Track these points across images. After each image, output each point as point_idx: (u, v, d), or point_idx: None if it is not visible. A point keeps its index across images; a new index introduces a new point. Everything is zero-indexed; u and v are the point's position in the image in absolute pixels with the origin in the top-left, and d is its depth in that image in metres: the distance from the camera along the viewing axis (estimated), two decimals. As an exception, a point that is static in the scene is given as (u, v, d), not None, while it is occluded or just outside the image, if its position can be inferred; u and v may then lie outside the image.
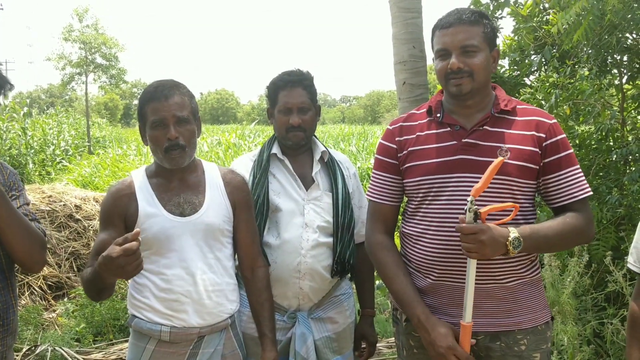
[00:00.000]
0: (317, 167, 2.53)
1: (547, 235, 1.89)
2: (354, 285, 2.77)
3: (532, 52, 4.36)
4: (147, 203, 2.12)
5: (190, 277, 2.10)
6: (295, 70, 2.54)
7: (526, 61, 4.40)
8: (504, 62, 4.63)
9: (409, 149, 2.09)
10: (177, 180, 2.18)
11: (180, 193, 2.16)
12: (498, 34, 4.51)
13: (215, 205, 2.19)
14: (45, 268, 5.86)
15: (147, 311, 2.11)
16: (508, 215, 1.90)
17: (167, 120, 2.06)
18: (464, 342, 1.92)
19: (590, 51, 3.88)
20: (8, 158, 15.79)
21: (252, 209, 2.32)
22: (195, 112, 2.18)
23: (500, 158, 1.83)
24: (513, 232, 1.83)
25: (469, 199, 1.81)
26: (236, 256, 2.32)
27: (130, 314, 2.18)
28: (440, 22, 2.02)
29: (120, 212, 2.12)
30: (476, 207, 1.81)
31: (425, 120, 2.12)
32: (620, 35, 3.62)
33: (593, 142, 3.99)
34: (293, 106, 2.46)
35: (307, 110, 2.49)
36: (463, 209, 1.85)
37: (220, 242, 2.19)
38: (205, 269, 2.13)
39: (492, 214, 1.87)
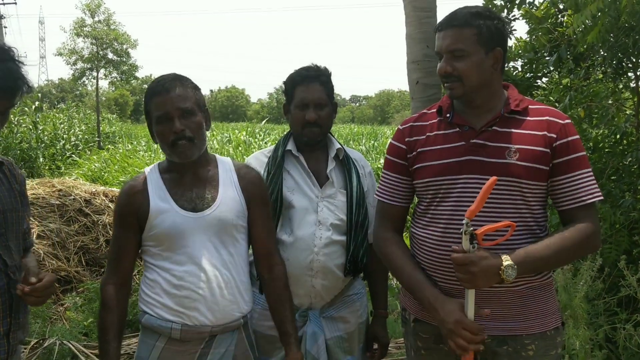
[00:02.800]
0: (332, 165, 2.52)
1: (544, 256, 1.85)
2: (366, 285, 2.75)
3: (545, 54, 4.34)
4: (159, 198, 2.10)
5: (202, 273, 2.06)
6: (312, 66, 2.53)
7: (540, 62, 4.38)
8: (517, 64, 4.61)
9: (419, 149, 2.08)
10: (189, 175, 2.14)
11: (193, 188, 2.13)
12: (512, 31, 4.51)
13: (229, 200, 2.15)
14: (54, 262, 5.90)
15: (157, 308, 2.08)
16: (516, 228, 1.88)
17: (171, 113, 2.03)
18: None
19: (605, 54, 3.85)
20: (19, 152, 15.88)
21: (268, 205, 2.29)
22: (201, 104, 2.13)
23: (493, 178, 1.80)
24: (506, 260, 1.79)
25: (464, 221, 1.79)
26: (251, 253, 2.30)
27: (140, 310, 2.15)
28: (437, 24, 2.02)
29: (133, 210, 2.10)
30: (472, 228, 1.78)
31: (435, 120, 2.10)
32: (637, 37, 3.58)
33: (607, 146, 3.96)
34: (309, 102, 2.44)
35: (323, 106, 2.47)
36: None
37: (234, 238, 2.15)
38: (219, 266, 2.09)
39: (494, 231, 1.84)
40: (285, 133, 2.64)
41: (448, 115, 2.05)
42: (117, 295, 2.11)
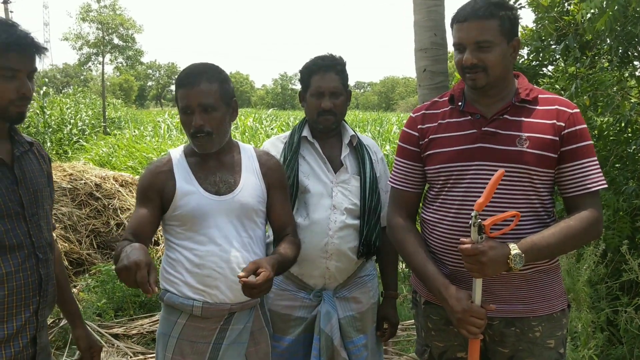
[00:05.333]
0: (345, 151, 2.58)
1: (549, 244, 1.89)
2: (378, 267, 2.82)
3: (552, 42, 4.36)
4: (185, 180, 2.18)
5: (223, 253, 2.13)
6: (328, 55, 2.58)
7: (546, 50, 4.41)
8: (523, 52, 4.63)
9: (430, 136, 2.12)
10: (213, 160, 2.23)
11: (217, 172, 2.21)
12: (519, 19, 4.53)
13: (250, 186, 2.23)
14: (66, 244, 6.00)
15: (179, 286, 2.16)
16: (522, 219, 1.93)
17: (192, 107, 2.11)
18: (473, 356, 1.96)
19: (611, 42, 3.88)
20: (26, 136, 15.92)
21: (287, 190, 2.37)
22: (226, 97, 2.18)
23: (500, 170, 1.84)
24: (514, 249, 1.84)
25: (472, 213, 1.83)
26: (268, 235, 2.36)
27: (162, 288, 2.22)
28: (457, 15, 2.02)
29: (157, 188, 2.18)
30: (480, 220, 1.83)
31: (447, 109, 2.14)
32: (644, 27, 3.61)
33: (611, 133, 3.99)
34: (325, 90, 2.50)
35: (338, 95, 2.53)
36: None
37: (254, 222, 2.24)
38: (239, 247, 2.17)
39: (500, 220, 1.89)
40: (300, 120, 2.71)
41: (460, 103, 2.10)
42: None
